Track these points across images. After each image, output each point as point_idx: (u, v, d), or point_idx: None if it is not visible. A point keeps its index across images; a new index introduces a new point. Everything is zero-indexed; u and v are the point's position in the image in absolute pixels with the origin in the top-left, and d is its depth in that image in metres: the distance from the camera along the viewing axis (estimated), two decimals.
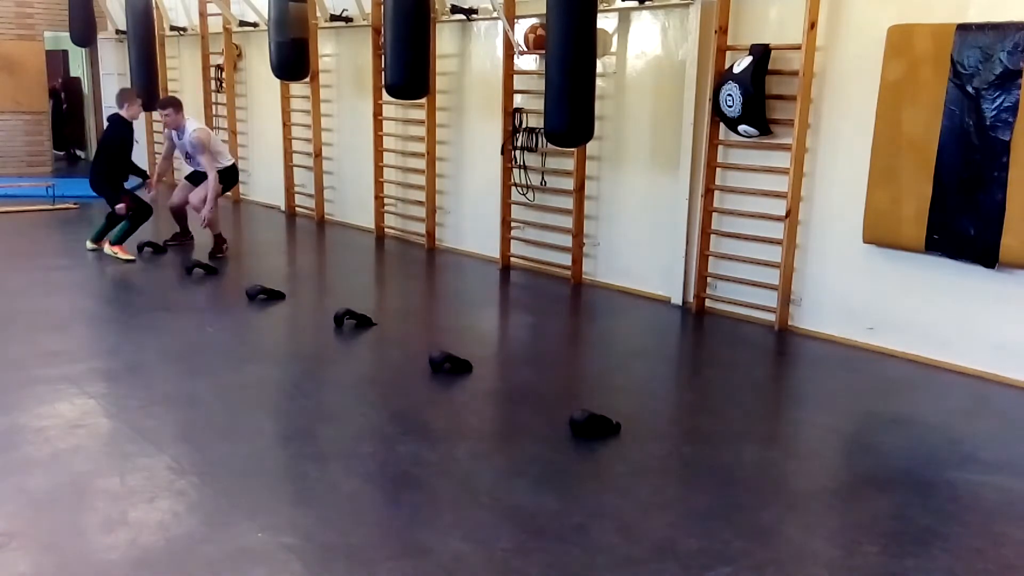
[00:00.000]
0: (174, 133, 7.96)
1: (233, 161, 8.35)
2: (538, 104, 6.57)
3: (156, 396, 4.54)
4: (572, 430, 4.09)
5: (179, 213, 8.24)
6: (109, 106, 14.04)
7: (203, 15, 11.26)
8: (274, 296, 6.44)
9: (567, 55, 5.95)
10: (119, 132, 7.73)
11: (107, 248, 7.61)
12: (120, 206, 7.57)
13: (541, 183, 7.32)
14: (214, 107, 11.41)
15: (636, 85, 6.71)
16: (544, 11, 6.19)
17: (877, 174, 5.26)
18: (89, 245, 7.82)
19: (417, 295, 7.34)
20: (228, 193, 8.85)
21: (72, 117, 15.51)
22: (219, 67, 11.18)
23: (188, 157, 8.06)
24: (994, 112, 4.72)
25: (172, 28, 11.93)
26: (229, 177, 8.22)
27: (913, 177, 5.09)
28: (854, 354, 5.48)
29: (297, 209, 10.26)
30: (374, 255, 8.52)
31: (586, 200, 7.02)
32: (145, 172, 8.34)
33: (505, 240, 7.67)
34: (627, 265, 6.93)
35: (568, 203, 7.08)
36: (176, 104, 7.94)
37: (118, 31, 12.79)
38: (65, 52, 16.09)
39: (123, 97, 7.87)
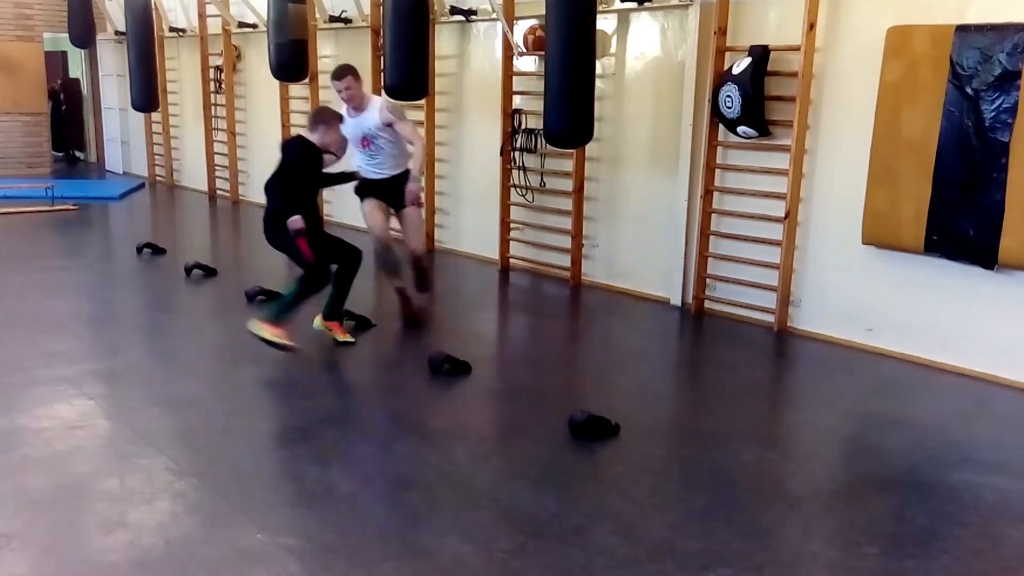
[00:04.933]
0: (349, 119, 5.56)
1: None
2: (537, 105, 6.58)
3: (155, 397, 4.54)
4: (571, 431, 4.09)
5: (387, 247, 5.85)
6: (108, 107, 14.13)
7: (202, 16, 11.27)
8: (273, 297, 6.42)
9: (566, 56, 5.95)
10: (309, 160, 5.20)
11: (317, 323, 5.46)
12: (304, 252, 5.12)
13: (540, 184, 7.32)
14: (213, 108, 11.41)
15: (635, 86, 6.71)
16: (543, 12, 6.20)
17: (876, 175, 5.26)
18: (319, 325, 5.50)
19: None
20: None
21: (71, 118, 15.52)
22: (218, 68, 11.19)
23: (367, 143, 5.65)
24: (993, 113, 4.72)
25: (171, 29, 11.93)
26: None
27: (912, 178, 5.09)
28: (853, 355, 5.48)
29: None
30: (373, 257, 8.49)
31: (585, 201, 7.02)
32: (350, 174, 5.69)
33: (504, 241, 7.67)
34: (626, 266, 6.93)
35: (567, 204, 7.08)
36: (355, 72, 5.61)
37: (117, 32, 12.80)
38: (64, 53, 16.11)
39: (321, 119, 5.27)
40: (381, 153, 5.68)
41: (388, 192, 5.74)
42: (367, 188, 5.78)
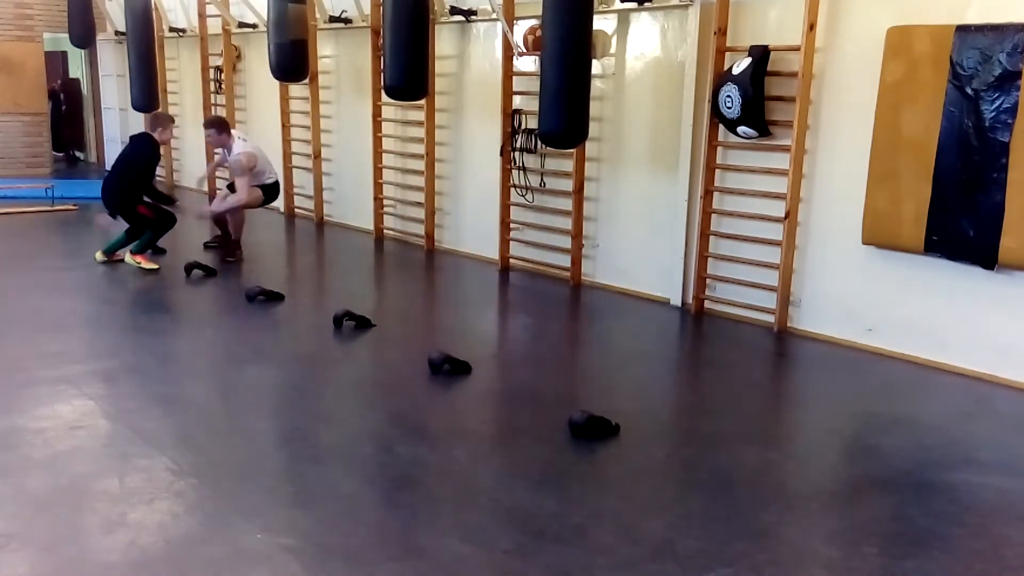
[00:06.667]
0: (223, 151, 8.05)
1: (275, 179, 8.22)
2: (537, 106, 6.57)
3: (155, 397, 4.54)
4: (571, 431, 4.08)
5: (219, 220, 8.20)
6: (108, 107, 14.13)
7: (202, 16, 11.26)
8: (273, 297, 6.43)
9: (562, 57, 5.95)
10: (146, 151, 7.52)
11: (128, 258, 7.36)
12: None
13: (540, 184, 7.32)
14: (213, 108, 11.40)
15: (635, 86, 6.71)
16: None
17: (876, 175, 5.26)
18: (99, 257, 7.47)
19: (416, 296, 7.34)
20: (270, 205, 8.55)
21: (71, 118, 15.51)
22: (218, 68, 11.18)
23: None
24: (993, 113, 4.72)
25: (171, 29, 11.93)
26: (270, 193, 8.16)
27: (912, 178, 5.09)
28: (853, 355, 5.48)
29: (296, 210, 10.25)
30: (373, 256, 8.52)
31: (585, 201, 7.02)
32: (172, 198, 8.33)
33: (504, 241, 7.66)
34: (626, 266, 6.93)
35: (567, 204, 7.08)
36: (219, 124, 7.94)
37: (117, 32, 12.79)
38: (64, 53, 16.10)
39: (157, 121, 7.68)
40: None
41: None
42: (231, 185, 8.09)
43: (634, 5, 6.48)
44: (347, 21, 8.94)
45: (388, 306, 6.93)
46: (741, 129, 5.81)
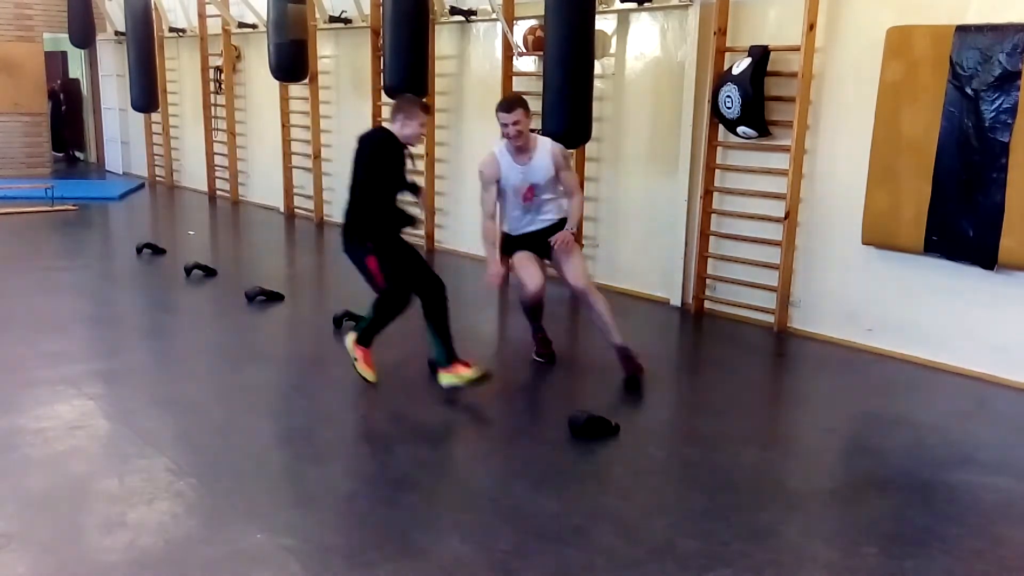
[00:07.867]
0: (514, 166, 4.72)
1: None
2: (537, 105, 6.57)
3: (155, 398, 4.54)
4: (571, 431, 4.08)
5: (538, 303, 5.05)
6: (108, 107, 14.13)
7: (202, 16, 11.27)
8: (273, 298, 6.43)
9: (565, 57, 5.96)
10: (363, 159, 4.59)
11: (348, 343, 4.69)
12: (374, 274, 4.64)
13: None
14: (213, 108, 11.42)
15: (635, 87, 6.71)
16: (543, 12, 6.20)
17: (876, 175, 5.26)
18: (351, 348, 4.68)
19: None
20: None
21: (71, 119, 15.52)
22: (218, 68, 11.19)
23: (526, 200, 4.81)
24: (993, 113, 4.72)
25: (171, 29, 11.93)
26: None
27: (912, 178, 5.09)
28: (853, 355, 5.48)
29: (296, 210, 10.25)
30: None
31: (585, 201, 7.01)
32: (416, 185, 4.86)
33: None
34: (626, 266, 6.93)
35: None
36: (525, 104, 4.75)
37: (117, 32, 12.80)
38: (64, 54, 16.11)
39: (398, 107, 4.61)
40: (541, 206, 4.85)
41: (538, 242, 4.90)
42: (515, 244, 4.94)
43: (634, 5, 6.48)
44: (347, 21, 8.95)
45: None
46: (741, 129, 5.81)
